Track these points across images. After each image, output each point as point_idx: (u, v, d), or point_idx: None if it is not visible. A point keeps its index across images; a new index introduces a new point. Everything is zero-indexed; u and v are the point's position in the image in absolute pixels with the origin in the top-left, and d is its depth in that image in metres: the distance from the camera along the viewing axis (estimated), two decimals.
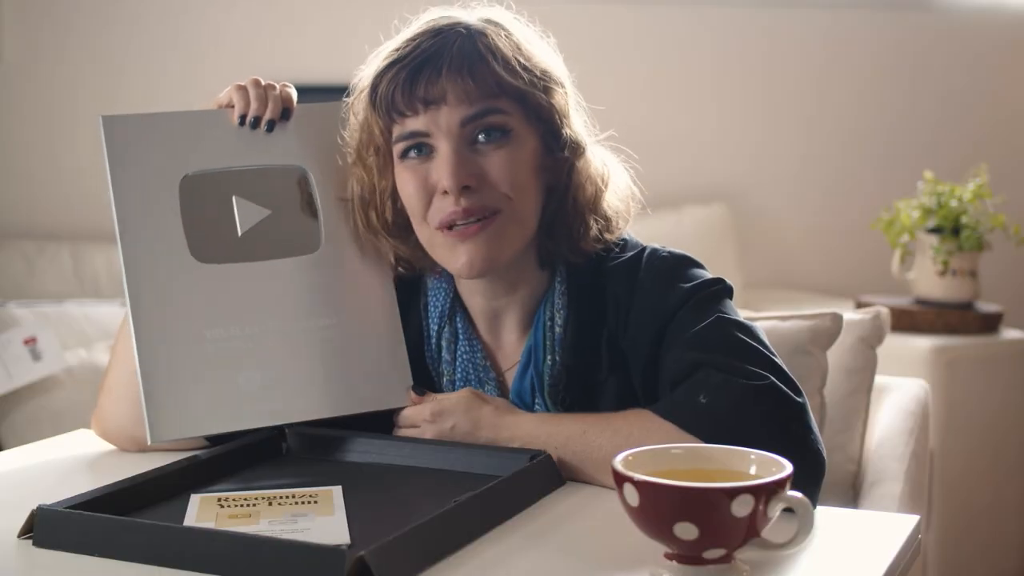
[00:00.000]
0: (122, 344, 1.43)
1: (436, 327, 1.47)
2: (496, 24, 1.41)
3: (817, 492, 1.24)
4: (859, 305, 3.27)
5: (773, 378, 1.28)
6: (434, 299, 1.48)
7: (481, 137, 1.37)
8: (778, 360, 1.32)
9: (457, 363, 1.46)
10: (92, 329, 2.90)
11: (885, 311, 1.92)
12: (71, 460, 1.45)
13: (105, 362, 2.76)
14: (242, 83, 1.46)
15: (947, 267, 3.26)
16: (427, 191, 1.38)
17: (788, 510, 1.02)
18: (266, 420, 1.37)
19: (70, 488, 1.20)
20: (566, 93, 1.44)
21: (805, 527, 1.02)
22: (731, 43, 3.96)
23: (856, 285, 3.86)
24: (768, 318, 1.83)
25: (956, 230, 3.26)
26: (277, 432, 1.41)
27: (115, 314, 2.94)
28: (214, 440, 1.40)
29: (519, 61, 1.38)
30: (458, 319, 1.47)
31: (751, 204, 3.99)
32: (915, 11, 4.11)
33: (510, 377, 1.46)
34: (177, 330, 1.35)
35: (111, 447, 1.48)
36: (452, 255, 1.38)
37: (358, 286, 1.44)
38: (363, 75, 1.43)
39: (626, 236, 1.50)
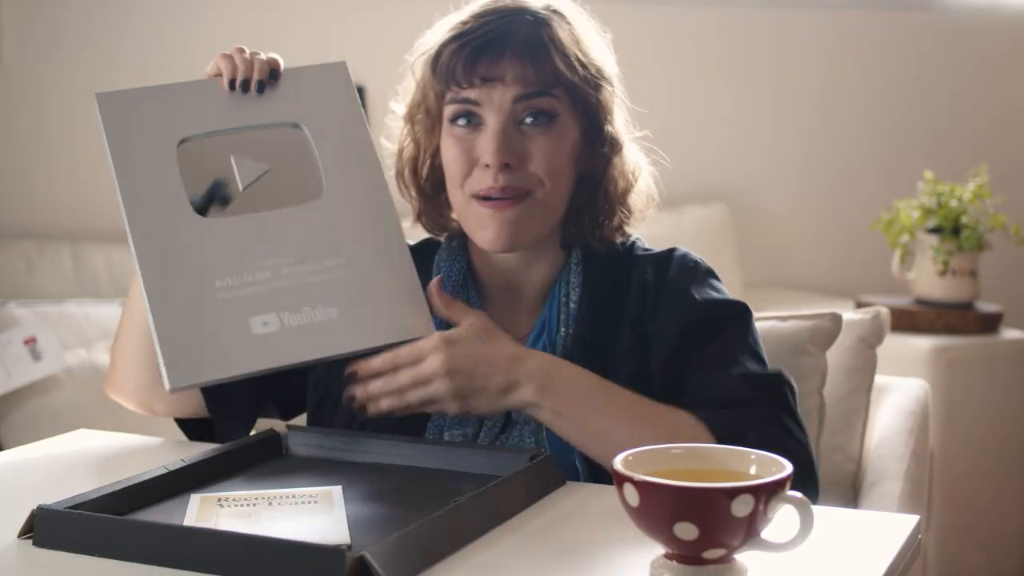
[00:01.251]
0: (132, 308, 1.46)
1: (450, 295, 1.48)
2: (560, 14, 1.46)
3: None
4: (859, 305, 3.27)
5: (812, 452, 1.36)
6: (448, 268, 1.50)
7: (528, 119, 1.42)
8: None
9: None
10: (92, 329, 2.90)
11: (885, 311, 1.92)
12: (71, 460, 1.45)
13: (105, 362, 2.76)
14: (227, 52, 1.46)
15: (947, 267, 3.26)
16: (469, 161, 1.42)
17: (788, 510, 1.02)
18: (286, 359, 1.33)
19: (70, 488, 1.20)
20: (613, 91, 1.49)
21: (805, 527, 1.02)
22: (731, 43, 3.96)
23: (856, 285, 3.86)
24: (768, 318, 1.83)
25: (956, 230, 3.26)
26: (277, 432, 1.41)
27: (115, 314, 2.94)
28: (218, 412, 1.45)
29: (576, 55, 1.44)
30: (472, 289, 1.50)
31: (751, 204, 3.99)
32: (915, 11, 4.11)
33: None
34: (187, 283, 1.33)
35: (111, 447, 1.48)
36: (480, 227, 1.43)
37: (366, 228, 1.41)
38: (426, 39, 1.47)
39: (637, 237, 1.55)
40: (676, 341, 1.42)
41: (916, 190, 3.38)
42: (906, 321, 3.27)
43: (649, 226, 1.56)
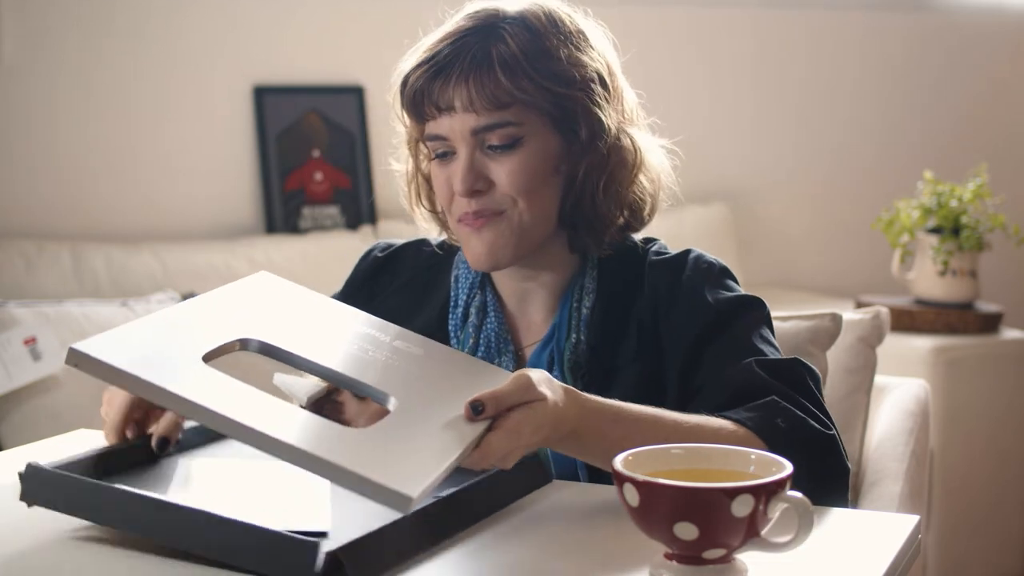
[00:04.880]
0: None
1: (466, 295, 1.52)
2: (526, 22, 1.42)
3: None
4: (859, 305, 3.27)
5: (837, 433, 1.33)
6: (466, 270, 1.54)
7: (491, 145, 1.42)
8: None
9: (482, 331, 1.50)
10: (92, 329, 2.90)
11: (885, 311, 1.92)
12: None
13: None
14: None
15: (947, 267, 3.26)
16: (449, 190, 1.45)
17: (788, 510, 1.02)
18: None
19: None
20: (595, 92, 1.45)
21: (805, 527, 1.02)
22: (731, 44, 3.96)
23: (856, 285, 3.86)
24: None
25: (956, 230, 3.26)
26: None
27: (115, 314, 2.94)
28: None
29: (536, 67, 1.40)
30: (488, 291, 1.52)
31: (751, 204, 3.99)
32: (915, 11, 4.11)
33: (530, 352, 1.49)
34: None
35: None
36: (467, 247, 1.46)
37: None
38: (401, 68, 1.46)
39: (656, 240, 1.54)
40: (692, 344, 1.42)
41: (916, 190, 3.38)
42: (906, 321, 3.27)
43: (649, 226, 1.55)
